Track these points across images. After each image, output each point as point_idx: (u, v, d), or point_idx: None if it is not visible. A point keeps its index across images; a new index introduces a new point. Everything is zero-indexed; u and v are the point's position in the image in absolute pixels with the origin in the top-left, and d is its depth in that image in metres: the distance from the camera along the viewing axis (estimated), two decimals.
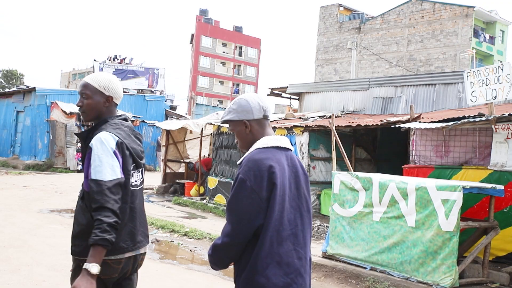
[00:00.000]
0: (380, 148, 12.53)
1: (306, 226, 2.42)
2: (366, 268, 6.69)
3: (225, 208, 11.83)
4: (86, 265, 2.39)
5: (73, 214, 2.76)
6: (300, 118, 12.39)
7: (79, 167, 23.00)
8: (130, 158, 2.69)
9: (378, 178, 6.76)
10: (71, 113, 23.42)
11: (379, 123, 9.20)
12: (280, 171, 2.30)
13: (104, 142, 2.58)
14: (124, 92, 29.22)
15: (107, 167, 2.53)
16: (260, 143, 2.38)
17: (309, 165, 10.47)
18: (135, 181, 2.76)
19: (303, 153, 10.40)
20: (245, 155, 2.38)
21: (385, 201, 6.52)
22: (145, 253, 2.86)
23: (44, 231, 8.88)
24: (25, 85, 30.64)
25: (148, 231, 2.89)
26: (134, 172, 2.74)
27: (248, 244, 2.28)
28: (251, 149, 2.39)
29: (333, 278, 6.68)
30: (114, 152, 2.59)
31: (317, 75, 36.74)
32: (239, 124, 2.45)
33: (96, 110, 2.78)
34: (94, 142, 2.59)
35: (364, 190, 6.83)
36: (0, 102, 29.67)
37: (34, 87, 25.66)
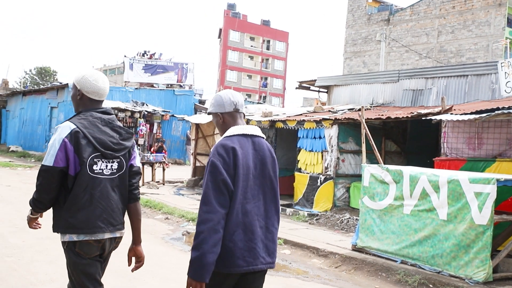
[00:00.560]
0: (410, 140, 12.37)
1: (268, 201, 2.90)
2: (397, 261, 6.65)
3: None
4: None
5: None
6: (329, 111, 12.33)
7: None
8: (88, 146, 2.90)
9: (408, 170, 6.70)
10: None
11: (409, 115, 9.09)
12: (242, 154, 2.77)
13: (58, 132, 2.90)
14: (153, 87, 29.59)
15: (48, 155, 2.88)
16: (228, 132, 2.87)
17: (338, 158, 10.42)
18: (100, 169, 2.96)
19: (332, 146, 10.36)
20: (217, 142, 2.83)
21: (416, 194, 6.46)
22: (117, 237, 3.13)
23: None
24: (58, 82, 31.31)
25: (116, 219, 3.05)
26: (98, 161, 2.95)
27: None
28: (223, 136, 2.88)
29: (363, 271, 6.67)
30: (64, 141, 2.85)
31: (346, 68, 36.36)
32: (216, 116, 2.96)
33: (74, 102, 3.15)
34: (54, 131, 2.95)
35: (394, 183, 6.78)
36: (35, 98, 30.43)
37: (67, 83, 26.19)
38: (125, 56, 33.96)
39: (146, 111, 25.74)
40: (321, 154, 10.58)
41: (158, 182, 15.88)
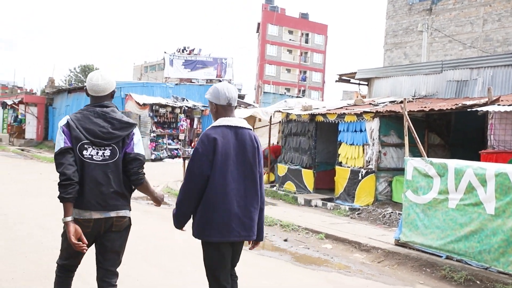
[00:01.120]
0: (455, 133, 12.04)
1: (248, 184, 3.38)
2: (442, 256, 6.50)
3: (294, 194, 11.89)
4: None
5: (148, 202, 3.28)
6: (370, 104, 12.15)
7: (153, 156, 23.89)
8: (77, 134, 3.29)
9: (453, 164, 6.52)
10: (144, 104, 24.31)
11: (453, 107, 8.85)
12: (222, 142, 3.28)
13: (60, 124, 3.37)
14: (192, 82, 29.90)
15: (56, 143, 3.32)
16: (216, 123, 3.38)
17: (379, 152, 10.26)
18: (89, 155, 3.30)
19: (373, 139, 10.21)
20: (204, 130, 3.37)
21: (462, 188, 6.28)
22: (110, 217, 3.35)
23: None
24: None
25: (106, 201, 3.32)
26: (88, 147, 3.30)
27: (203, 198, 3.30)
28: (209, 127, 3.38)
29: (407, 266, 6.56)
30: (62, 128, 3.33)
31: (386, 60, 35.68)
32: (211, 104, 3.47)
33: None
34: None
35: (438, 177, 6.62)
36: (79, 95, 31.28)
37: None
38: (165, 52, 34.46)
39: (187, 106, 26.07)
40: (362, 147, 10.45)
41: None
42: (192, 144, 20.38)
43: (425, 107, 9.67)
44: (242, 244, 3.61)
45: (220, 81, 32.96)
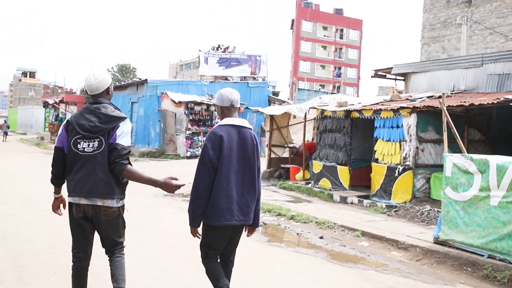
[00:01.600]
0: (496, 128, 11.67)
1: (246, 175, 3.86)
2: (483, 255, 6.30)
3: (330, 192, 11.78)
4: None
5: (184, 199, 3.50)
6: (407, 99, 11.90)
7: (188, 154, 24.12)
8: (73, 130, 3.73)
9: (495, 160, 6.30)
10: (179, 102, 24.55)
11: (495, 102, 8.56)
12: (227, 139, 3.77)
13: (62, 123, 3.87)
14: (227, 80, 30.08)
15: (56, 139, 3.86)
16: (222, 122, 3.90)
17: (417, 148, 10.04)
18: (83, 147, 3.70)
19: (410, 135, 9.99)
20: (211, 128, 3.91)
21: (504, 185, 6.07)
22: (98, 206, 3.70)
23: (159, 214, 9.46)
24: (138, 78, 32.57)
25: (94, 189, 3.66)
26: (80, 140, 3.71)
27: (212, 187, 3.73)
28: (216, 125, 3.88)
29: (447, 265, 6.40)
30: (62, 128, 3.83)
31: (423, 54, 34.92)
32: (217, 107, 4.02)
33: None
34: None
35: (479, 173, 6.42)
36: (117, 94, 31.88)
37: (146, 79, 27.18)
38: (200, 50, 34.70)
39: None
40: (399, 143, 10.24)
41: None
42: None
43: (465, 101, 9.41)
44: (242, 228, 4.02)
45: (254, 78, 32.99)
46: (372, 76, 16.88)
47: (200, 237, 3.88)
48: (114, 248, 3.90)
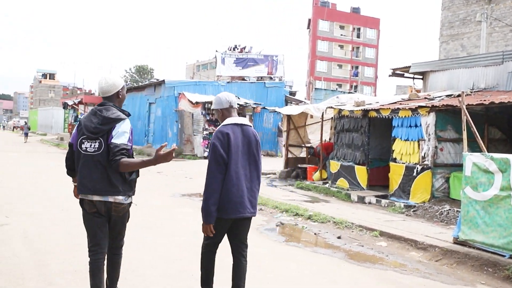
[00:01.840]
0: None
1: (252, 169, 4.18)
2: (505, 256, 6.22)
3: (347, 191, 11.73)
4: None
5: (202, 198, 3.89)
6: (425, 98, 11.79)
7: (206, 154, 24.21)
8: (81, 131, 4.02)
9: None
10: (196, 103, 24.66)
11: None
12: (233, 137, 4.05)
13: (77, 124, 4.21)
14: (244, 80, 30.07)
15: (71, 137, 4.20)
16: (225, 122, 4.18)
17: (436, 147, 9.94)
18: (85, 147, 3.97)
19: (429, 134, 9.89)
20: (217, 128, 4.15)
21: None
22: (110, 202, 3.94)
23: (176, 214, 9.52)
24: (155, 79, 32.84)
25: (101, 187, 3.90)
26: (84, 141, 3.98)
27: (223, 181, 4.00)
28: (220, 125, 4.17)
29: (467, 266, 6.32)
30: (76, 128, 4.14)
31: (442, 53, 34.54)
32: (217, 111, 4.30)
33: None
34: None
35: (500, 172, 6.33)
36: (135, 95, 32.16)
37: (164, 80, 27.35)
38: (216, 51, 34.81)
39: (238, 104, 26.22)
40: (418, 143, 10.15)
41: None
42: None
43: (485, 100, 9.28)
44: (250, 220, 4.30)
45: (271, 78, 32.98)
46: (389, 75, 16.75)
47: (213, 233, 4.08)
48: (117, 244, 4.20)
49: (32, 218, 8.27)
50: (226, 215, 4.03)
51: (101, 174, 3.91)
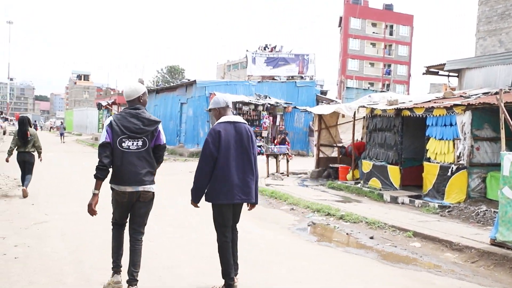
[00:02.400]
0: None
1: (245, 162, 4.77)
2: None
3: (380, 191, 11.60)
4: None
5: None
6: (461, 96, 11.54)
7: None
8: (118, 130, 4.50)
9: None
10: None
11: None
12: (225, 134, 4.68)
13: (105, 123, 4.63)
14: (275, 79, 30.04)
15: (102, 137, 4.56)
16: (219, 120, 4.81)
17: (472, 146, 9.72)
18: (127, 146, 4.52)
19: (465, 133, 9.68)
20: (212, 126, 4.80)
21: None
22: (138, 191, 4.55)
23: (207, 213, 9.58)
24: (186, 79, 33.16)
25: (138, 179, 4.52)
26: (125, 140, 4.52)
27: (213, 173, 4.67)
28: (215, 123, 4.82)
29: (505, 268, 6.17)
30: (106, 127, 4.57)
31: (478, 49, 33.74)
32: (214, 110, 4.94)
33: None
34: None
35: None
36: (167, 95, 32.54)
37: (195, 80, 27.58)
38: (247, 50, 34.90)
39: (269, 103, 26.25)
40: (453, 142, 9.95)
41: (283, 173, 16.14)
42: (275, 141, 20.47)
43: None
44: (241, 206, 4.96)
45: (302, 77, 32.88)
46: (423, 73, 16.47)
47: (198, 207, 4.90)
48: (140, 229, 4.72)
49: (69, 216, 8.49)
50: (214, 201, 4.73)
51: (144, 168, 4.56)
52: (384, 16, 65.87)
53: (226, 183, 4.65)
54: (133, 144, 4.54)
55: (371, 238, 7.83)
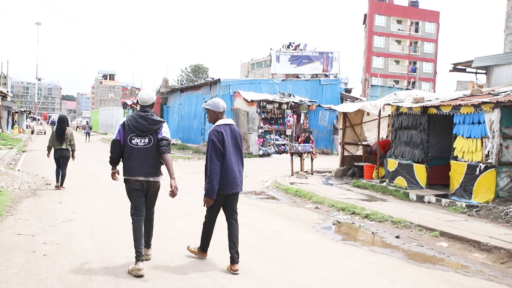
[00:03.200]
0: None
1: (238, 157, 5.68)
2: None
3: (406, 190, 11.47)
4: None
5: (258, 196, 5.35)
6: (489, 93, 11.32)
7: (261, 152, 24.33)
8: (129, 129, 5.47)
9: None
10: (252, 101, 24.82)
11: None
12: (225, 133, 5.49)
13: (119, 123, 5.61)
14: (298, 77, 29.97)
15: (114, 134, 5.59)
16: (218, 122, 5.60)
17: (501, 145, 9.53)
18: (136, 143, 5.45)
19: (493, 131, 9.50)
20: (212, 127, 5.60)
21: None
22: (148, 181, 5.50)
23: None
24: (210, 78, 33.29)
25: (146, 170, 5.45)
26: (134, 138, 5.45)
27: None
28: (214, 125, 5.59)
29: None
30: (119, 127, 5.54)
31: (507, 45, 33.03)
32: (213, 112, 5.66)
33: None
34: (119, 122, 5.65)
35: None
36: (191, 94, 32.74)
37: (219, 79, 27.70)
38: (271, 49, 34.87)
39: (293, 102, 26.19)
40: (481, 140, 9.78)
41: (307, 172, 16.10)
42: (299, 140, 20.41)
43: None
44: (238, 194, 5.78)
45: (326, 75, 32.71)
46: (450, 70, 16.23)
47: (213, 205, 5.54)
48: (151, 211, 5.76)
49: (96, 214, 8.63)
50: (224, 191, 5.50)
51: (151, 162, 5.47)
52: (410, 13, 65.00)
53: (231, 174, 5.51)
54: (140, 141, 5.46)
55: (397, 237, 7.76)
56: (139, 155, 5.41)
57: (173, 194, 5.39)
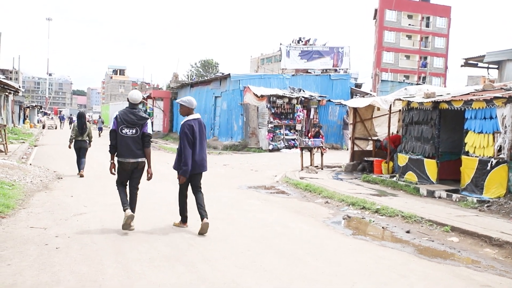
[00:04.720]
0: None
1: (203, 146, 7.11)
2: None
3: (416, 185, 11.43)
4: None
5: (268, 191, 5.99)
6: (501, 88, 11.22)
7: (271, 147, 24.34)
8: (120, 121, 6.95)
9: None
10: (261, 96, 24.81)
11: None
12: (195, 126, 6.97)
13: (113, 116, 7.05)
14: (309, 72, 29.94)
15: (111, 124, 7.11)
16: (189, 117, 7.05)
17: None
18: (126, 132, 6.95)
19: (505, 126, 9.42)
20: (183, 120, 7.07)
21: None
22: (137, 161, 7.05)
23: (243, 206, 9.66)
24: (220, 73, 33.33)
25: (134, 153, 6.99)
26: (125, 128, 6.95)
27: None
28: (186, 119, 7.04)
29: None
30: (114, 119, 7.03)
31: None
32: (186, 107, 7.11)
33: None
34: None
35: None
36: (201, 89, 32.80)
37: (229, 74, 27.69)
38: (281, 44, 34.79)
39: (303, 97, 26.16)
40: (492, 135, 9.71)
41: (317, 166, 16.09)
42: (309, 135, 20.39)
43: None
44: (202, 173, 7.19)
45: (336, 70, 32.61)
46: (462, 65, 16.12)
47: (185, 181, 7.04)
48: (135, 186, 7.24)
49: (108, 208, 8.70)
50: (195, 171, 6.98)
51: (137, 147, 7.00)
52: (421, 8, 64.47)
53: (198, 158, 6.93)
54: (129, 131, 6.97)
55: (408, 232, 7.74)
56: (128, 141, 6.94)
57: (149, 178, 7.01)
